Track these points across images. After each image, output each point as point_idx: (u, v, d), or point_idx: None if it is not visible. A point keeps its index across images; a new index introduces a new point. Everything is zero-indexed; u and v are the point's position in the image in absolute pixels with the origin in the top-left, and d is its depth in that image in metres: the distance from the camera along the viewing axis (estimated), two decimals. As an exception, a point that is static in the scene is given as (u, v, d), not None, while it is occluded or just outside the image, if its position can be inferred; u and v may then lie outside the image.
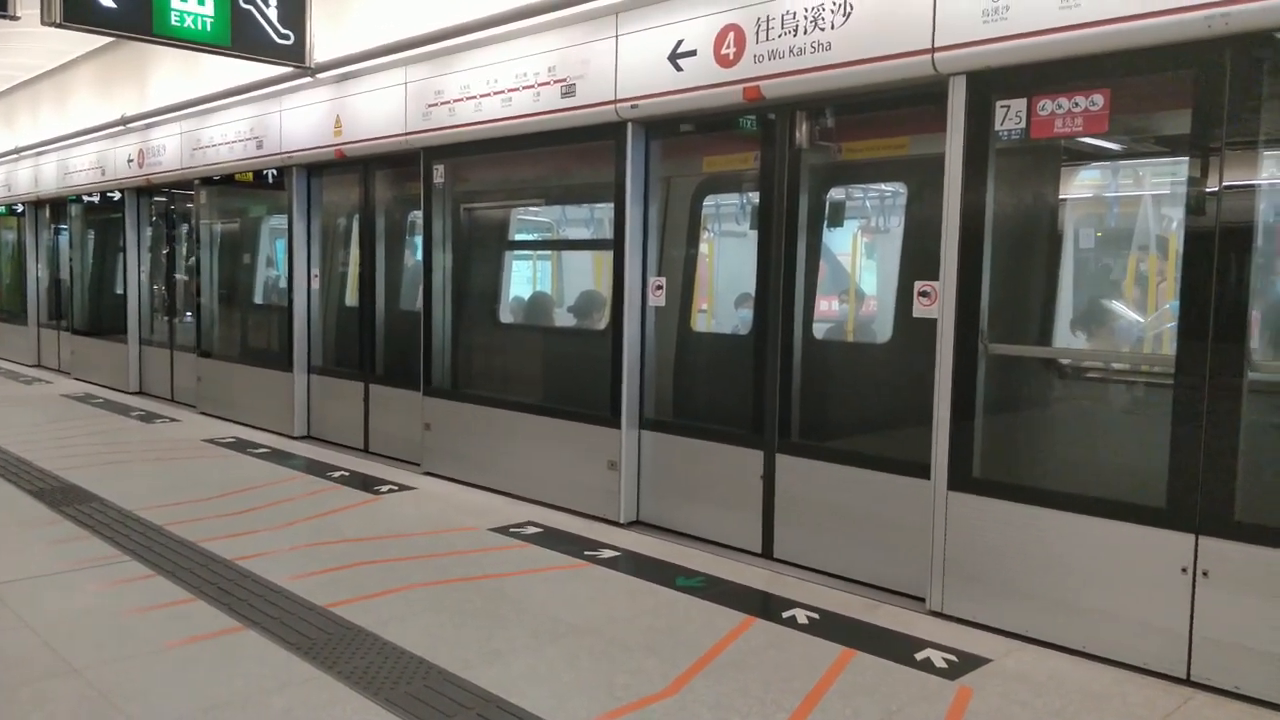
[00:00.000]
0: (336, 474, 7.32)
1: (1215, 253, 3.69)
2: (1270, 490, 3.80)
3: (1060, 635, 4.08)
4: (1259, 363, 3.87)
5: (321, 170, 8.75)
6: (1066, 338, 5.35)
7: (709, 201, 6.41)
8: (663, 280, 5.90)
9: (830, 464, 5.05)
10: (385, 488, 6.89)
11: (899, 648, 4.06)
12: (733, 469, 5.46)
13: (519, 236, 7.81)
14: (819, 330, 5.75)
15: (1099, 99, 4.03)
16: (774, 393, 5.26)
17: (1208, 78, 3.70)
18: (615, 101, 5.72)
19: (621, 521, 5.92)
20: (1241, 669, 3.62)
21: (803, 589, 4.81)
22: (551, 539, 5.62)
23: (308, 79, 8.28)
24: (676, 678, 3.71)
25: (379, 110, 7.54)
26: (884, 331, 5.56)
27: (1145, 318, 6.10)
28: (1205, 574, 3.70)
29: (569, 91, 5.98)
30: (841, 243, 7.49)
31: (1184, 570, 3.75)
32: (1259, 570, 3.58)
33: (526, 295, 7.82)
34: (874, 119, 5.23)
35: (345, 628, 4.14)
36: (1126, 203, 6.19)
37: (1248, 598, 3.61)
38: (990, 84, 4.28)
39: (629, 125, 5.76)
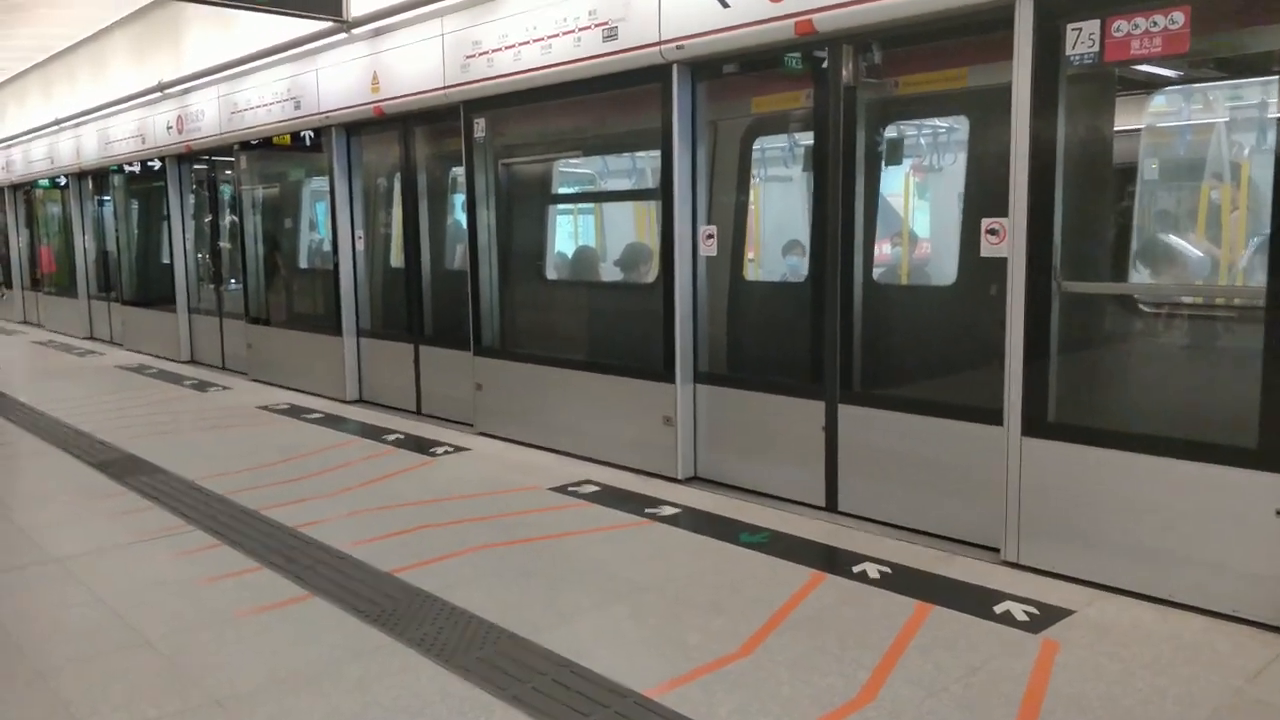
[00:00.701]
0: (391, 437, 7.32)
1: (1311, 178, 3.46)
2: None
3: (1143, 584, 3.94)
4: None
5: (360, 129, 8.63)
6: (1141, 273, 5.12)
7: (758, 145, 6.21)
8: (714, 229, 5.74)
9: (895, 413, 4.91)
10: (441, 449, 6.87)
11: (976, 601, 3.95)
12: (793, 421, 5.33)
13: (562, 190, 7.66)
14: (877, 274, 5.57)
15: (1179, 16, 3.77)
16: (834, 340, 5.11)
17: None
18: (659, 43, 5.53)
19: (679, 478, 5.84)
20: (1343, 615, 3.46)
21: (871, 542, 4.70)
22: (610, 497, 5.56)
23: (343, 35, 8.14)
24: (750, 636, 3.63)
25: (417, 64, 7.39)
26: (948, 273, 5.36)
27: (1222, 250, 5.84)
28: (1302, 517, 3.53)
29: (611, 35, 5.79)
30: (897, 182, 7.26)
31: (1278, 513, 3.58)
32: (1361, 512, 3.41)
33: (571, 251, 7.69)
34: (933, 50, 4.99)
35: (412, 593, 4.12)
36: (1202, 130, 5.90)
37: (1349, 541, 3.44)
38: (1059, 5, 4.04)
39: (674, 67, 5.57)
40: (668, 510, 5.28)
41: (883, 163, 5.32)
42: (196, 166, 11.82)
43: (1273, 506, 3.59)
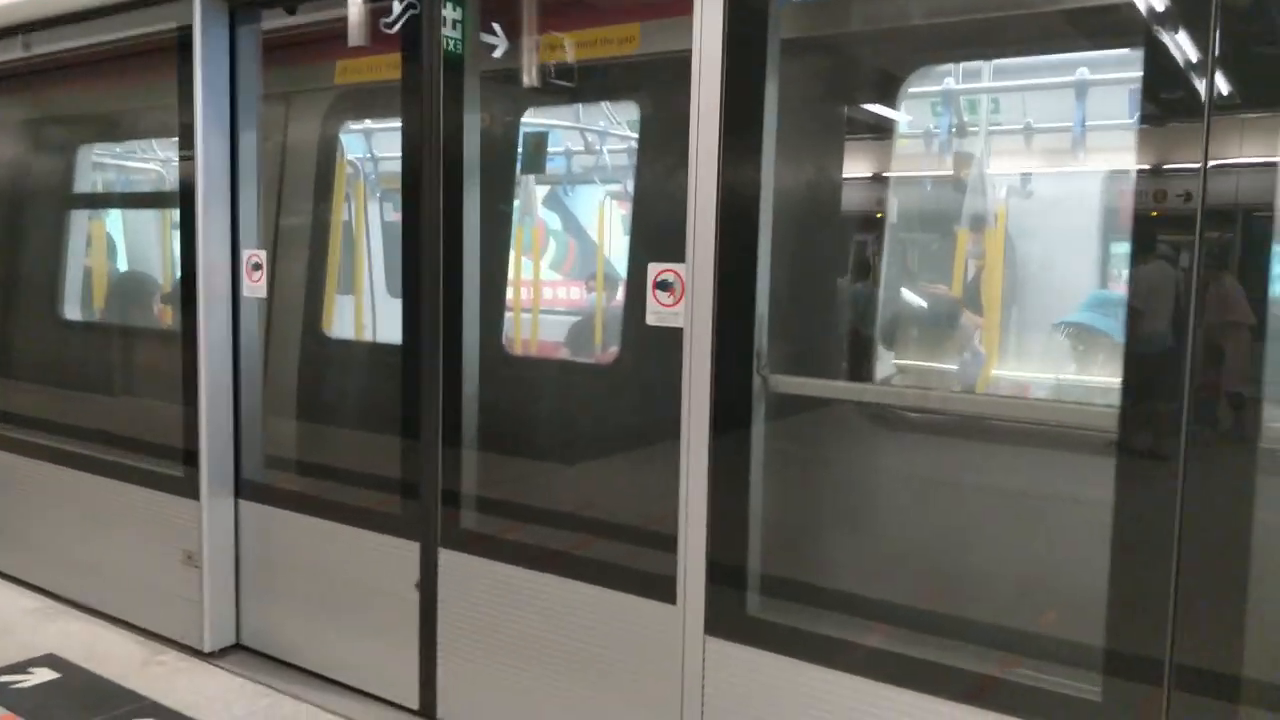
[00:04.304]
0: None
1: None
2: None
3: None
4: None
5: None
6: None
7: (353, 133, 4.22)
8: (262, 255, 3.65)
9: (533, 572, 3.04)
10: None
11: None
12: (374, 570, 3.36)
13: (88, 188, 5.22)
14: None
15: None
16: (434, 444, 3.20)
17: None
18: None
19: (207, 649, 3.68)
20: None
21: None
22: (66, 699, 3.32)
23: None
24: None
25: None
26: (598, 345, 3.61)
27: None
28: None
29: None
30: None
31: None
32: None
33: (115, 276, 5.30)
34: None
35: None
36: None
37: None
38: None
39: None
40: (152, 732, 3.14)
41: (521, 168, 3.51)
42: None
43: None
